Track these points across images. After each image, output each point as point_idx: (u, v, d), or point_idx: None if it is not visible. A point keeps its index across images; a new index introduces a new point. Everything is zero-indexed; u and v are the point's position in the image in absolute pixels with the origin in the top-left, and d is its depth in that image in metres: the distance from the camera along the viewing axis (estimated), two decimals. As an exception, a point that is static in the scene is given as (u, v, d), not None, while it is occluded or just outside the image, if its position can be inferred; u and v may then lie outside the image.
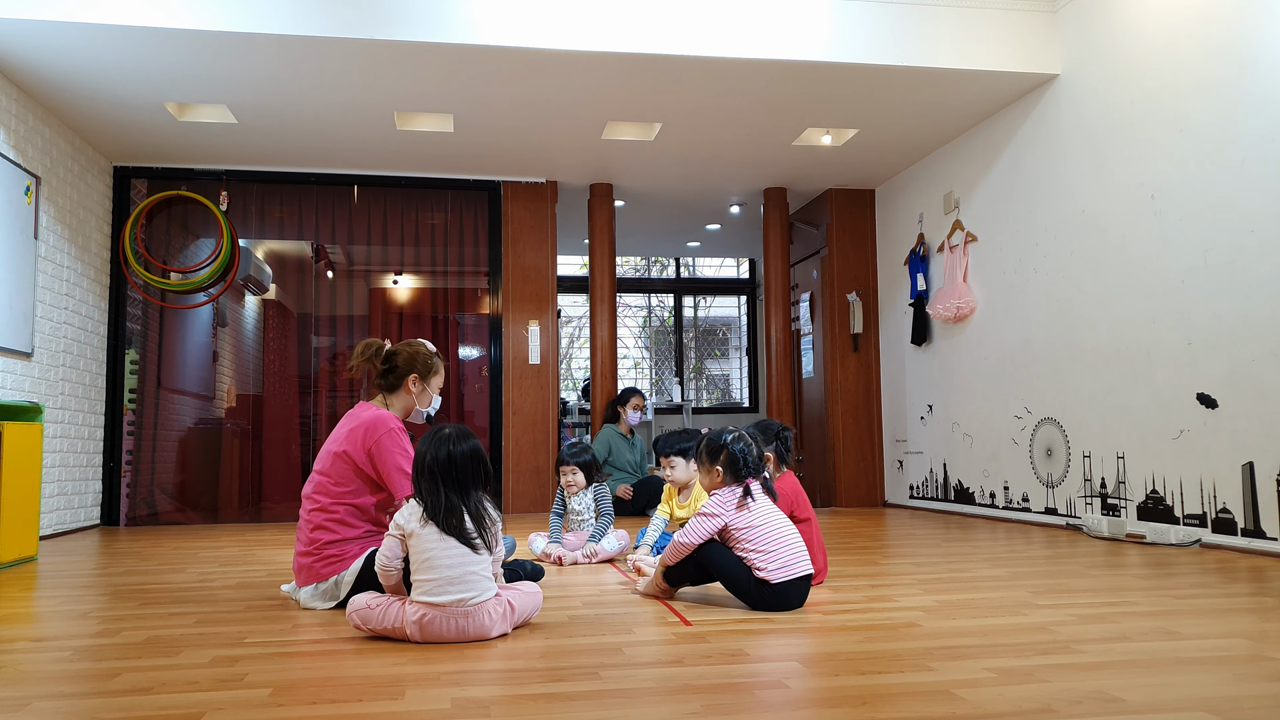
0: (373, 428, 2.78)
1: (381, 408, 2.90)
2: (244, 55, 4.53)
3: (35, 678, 1.95)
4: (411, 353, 2.98)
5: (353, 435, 2.79)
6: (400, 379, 2.96)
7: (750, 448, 2.74)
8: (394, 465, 2.75)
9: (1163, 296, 4.22)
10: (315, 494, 2.79)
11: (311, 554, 2.74)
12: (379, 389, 2.98)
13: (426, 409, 3.03)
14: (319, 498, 2.77)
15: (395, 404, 2.96)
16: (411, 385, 2.96)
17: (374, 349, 2.96)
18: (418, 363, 2.97)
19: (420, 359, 2.98)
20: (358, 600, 2.37)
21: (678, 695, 1.75)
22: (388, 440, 2.77)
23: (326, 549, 2.73)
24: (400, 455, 2.77)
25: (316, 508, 2.77)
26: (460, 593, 2.26)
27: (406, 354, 2.97)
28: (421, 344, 3.03)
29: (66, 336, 5.41)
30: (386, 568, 2.39)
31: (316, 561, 2.73)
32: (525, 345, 6.61)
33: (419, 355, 2.99)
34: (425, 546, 2.29)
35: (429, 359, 3.00)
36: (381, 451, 2.76)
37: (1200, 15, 4.03)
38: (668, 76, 4.88)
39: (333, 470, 2.78)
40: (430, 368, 3.00)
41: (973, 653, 2.08)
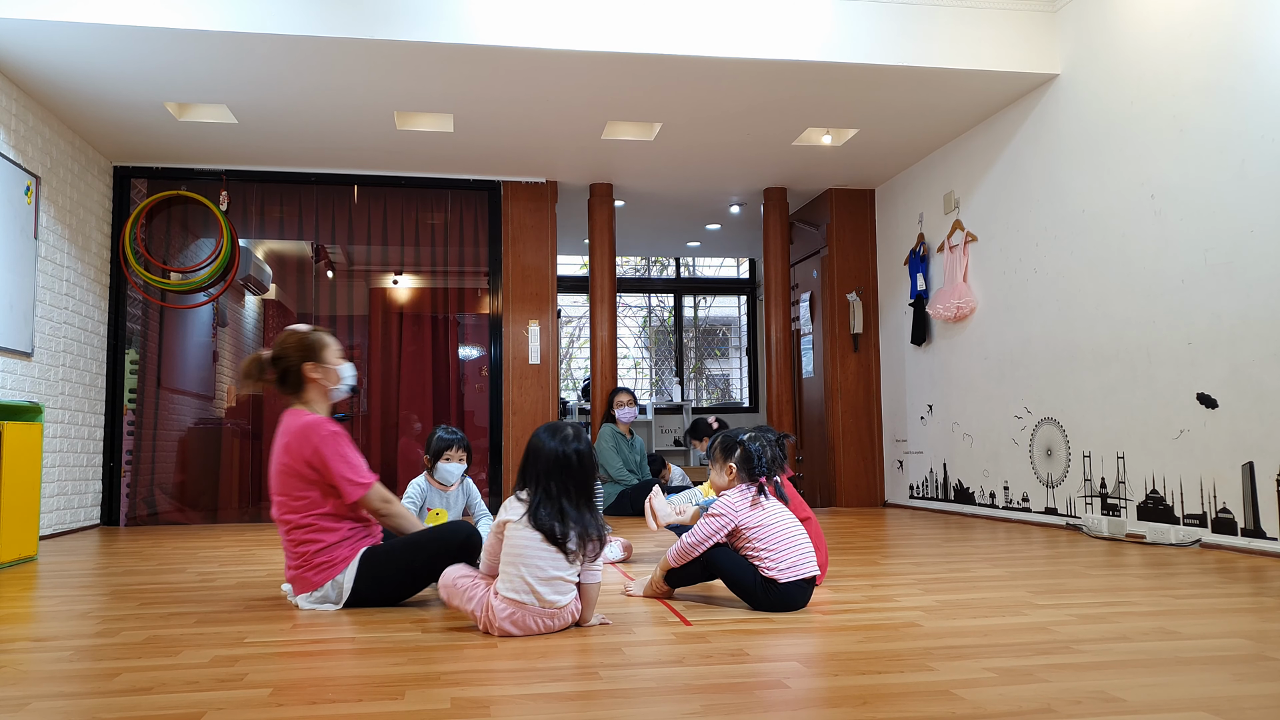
0: (304, 437, 2.71)
1: (304, 410, 2.81)
2: (244, 55, 4.53)
3: (35, 678, 1.95)
4: (292, 344, 2.85)
5: (288, 449, 2.73)
6: (299, 374, 2.83)
7: (766, 447, 2.74)
8: (338, 473, 2.69)
9: (1163, 296, 4.22)
10: (282, 515, 2.75)
11: (300, 566, 2.73)
12: (289, 395, 2.87)
13: (342, 384, 2.89)
14: (287, 517, 2.73)
15: (312, 400, 2.85)
16: (312, 373, 2.83)
17: (257, 366, 2.84)
18: (303, 350, 2.83)
19: (302, 345, 2.84)
20: (449, 573, 2.45)
21: (678, 695, 1.75)
22: (323, 447, 2.70)
23: (315, 558, 2.71)
24: (338, 461, 2.70)
25: (289, 527, 2.74)
26: (549, 595, 2.31)
27: (287, 349, 2.84)
28: (293, 330, 2.89)
29: (66, 336, 5.41)
30: (490, 567, 2.41)
31: (307, 571, 2.72)
32: (525, 345, 6.61)
33: (300, 342, 2.85)
34: (521, 544, 2.32)
35: (308, 339, 2.85)
36: (321, 459, 2.69)
37: (1200, 16, 4.03)
38: (668, 76, 4.88)
39: (285, 488, 2.73)
40: (315, 346, 2.85)
41: (973, 653, 2.08)
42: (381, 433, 6.65)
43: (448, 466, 3.78)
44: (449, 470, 3.78)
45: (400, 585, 2.77)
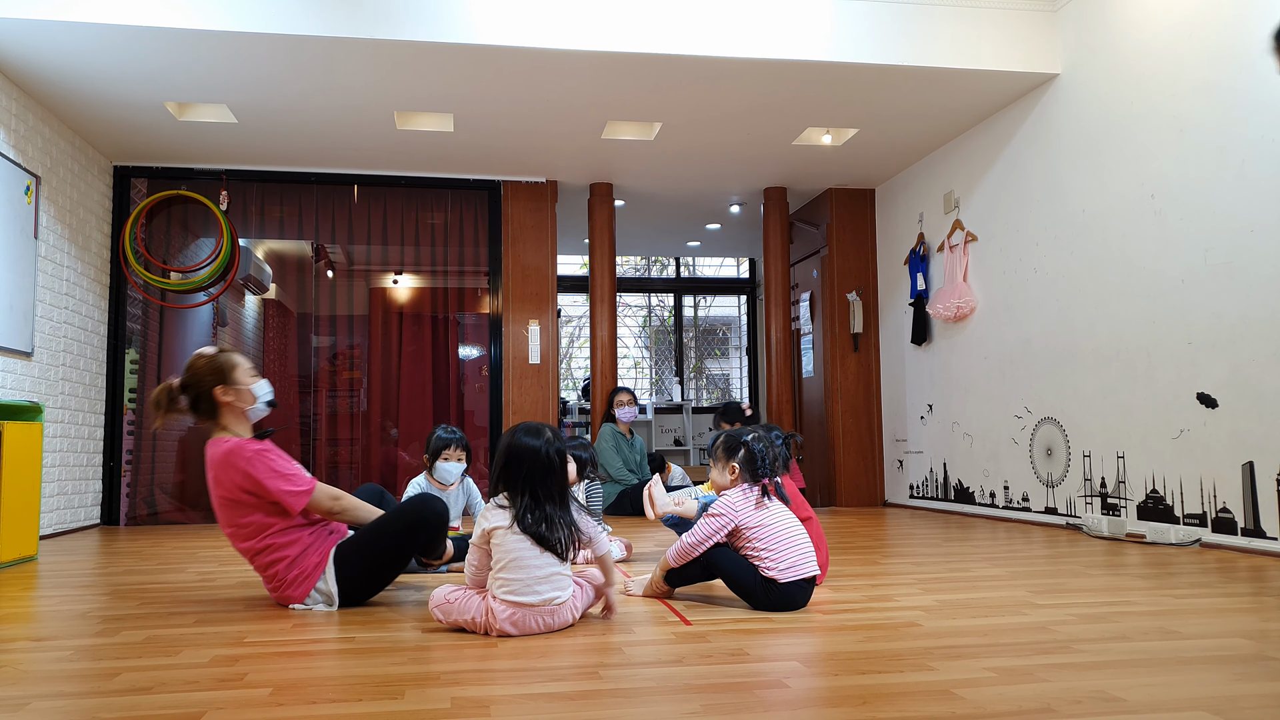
0: (229, 464, 2.66)
1: (224, 438, 2.73)
2: (244, 55, 4.53)
3: (35, 678, 1.95)
4: (199, 368, 2.76)
5: (219, 481, 2.69)
6: (211, 400, 2.75)
7: (769, 448, 2.74)
8: (275, 489, 2.64)
9: (1163, 296, 4.22)
10: (239, 546, 2.73)
11: (278, 586, 2.72)
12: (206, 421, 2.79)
13: (259, 402, 2.82)
14: (245, 545, 2.71)
15: (229, 424, 2.77)
16: (224, 396, 2.75)
17: (167, 395, 2.76)
18: (210, 374, 2.75)
19: (209, 370, 2.75)
20: (438, 594, 2.41)
21: (678, 695, 1.75)
22: (251, 468, 2.64)
23: (288, 575, 2.70)
24: (272, 477, 2.65)
25: (250, 554, 2.72)
26: (549, 592, 2.32)
27: (195, 375, 2.76)
28: (200, 354, 2.80)
29: (66, 336, 5.41)
30: (479, 581, 2.40)
31: (287, 589, 2.71)
32: (525, 345, 6.61)
33: (206, 367, 2.76)
34: (512, 548, 2.32)
35: (215, 362, 2.77)
36: (253, 481, 2.64)
37: (1200, 16, 4.03)
38: (668, 76, 4.88)
39: (230, 520, 2.70)
40: (223, 368, 2.76)
41: (973, 653, 2.08)
42: (381, 433, 6.65)
43: (446, 465, 3.78)
44: (447, 469, 3.78)
45: (381, 572, 2.76)
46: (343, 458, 6.51)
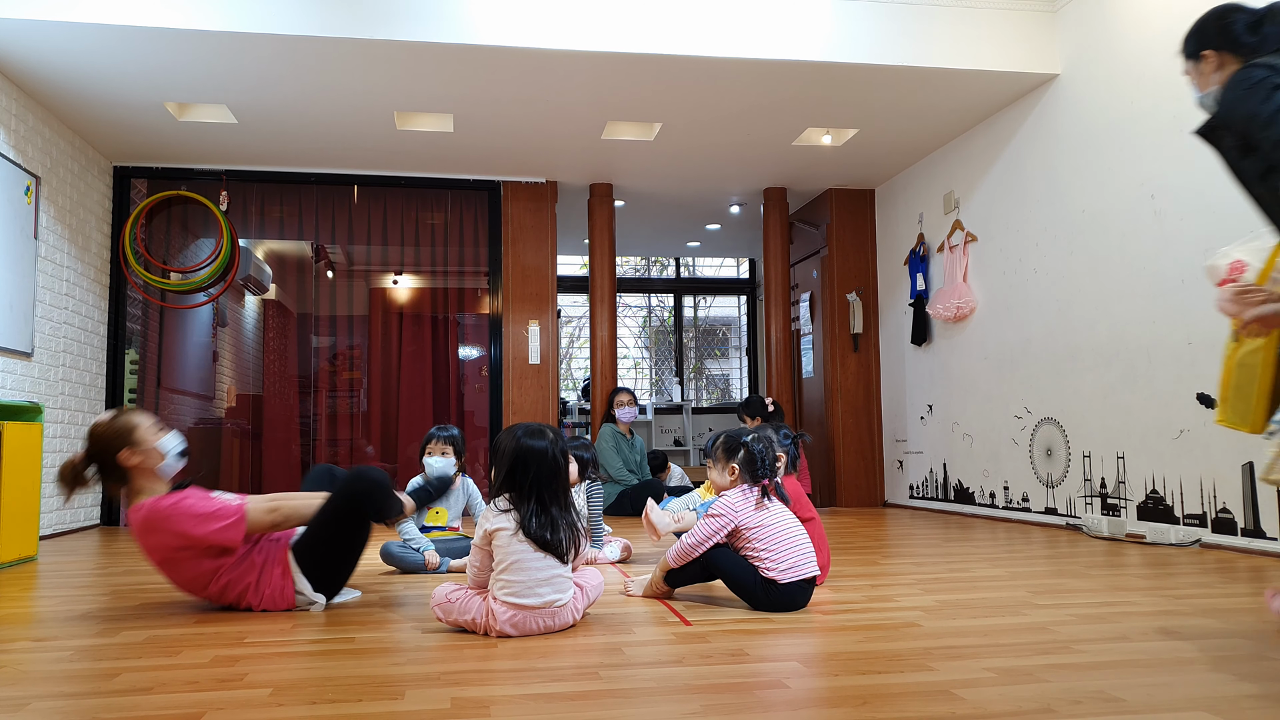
0: (151, 529, 2.58)
1: (140, 500, 2.63)
2: (244, 55, 4.53)
3: (35, 678, 1.95)
4: (97, 439, 2.65)
5: (149, 548, 2.61)
6: (117, 468, 2.64)
7: (769, 448, 2.74)
8: (207, 533, 2.57)
9: (1163, 296, 4.22)
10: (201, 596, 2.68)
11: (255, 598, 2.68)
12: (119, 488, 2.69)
13: (169, 457, 2.70)
14: (207, 594, 2.67)
15: (143, 487, 2.67)
16: (129, 460, 2.63)
17: (71, 473, 2.65)
18: (110, 441, 2.63)
19: (108, 437, 2.64)
20: (438, 593, 2.41)
21: (678, 695, 1.75)
22: (174, 524, 2.56)
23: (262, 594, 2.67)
24: (197, 522, 2.57)
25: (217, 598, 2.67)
26: (550, 594, 2.32)
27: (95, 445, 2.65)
28: (97, 422, 2.69)
29: (66, 336, 5.41)
30: (480, 581, 2.40)
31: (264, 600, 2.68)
32: (525, 345, 6.61)
33: (104, 434, 2.64)
34: (514, 550, 2.32)
35: (114, 426, 2.65)
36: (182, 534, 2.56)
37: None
38: (668, 76, 4.88)
39: (178, 578, 2.64)
40: (123, 431, 2.64)
41: (973, 653, 2.08)
42: (381, 433, 6.65)
43: (429, 461, 3.77)
44: (431, 465, 3.78)
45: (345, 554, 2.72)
46: (342, 458, 6.51)
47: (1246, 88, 2.12)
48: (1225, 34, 2.32)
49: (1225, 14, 2.35)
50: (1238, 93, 2.15)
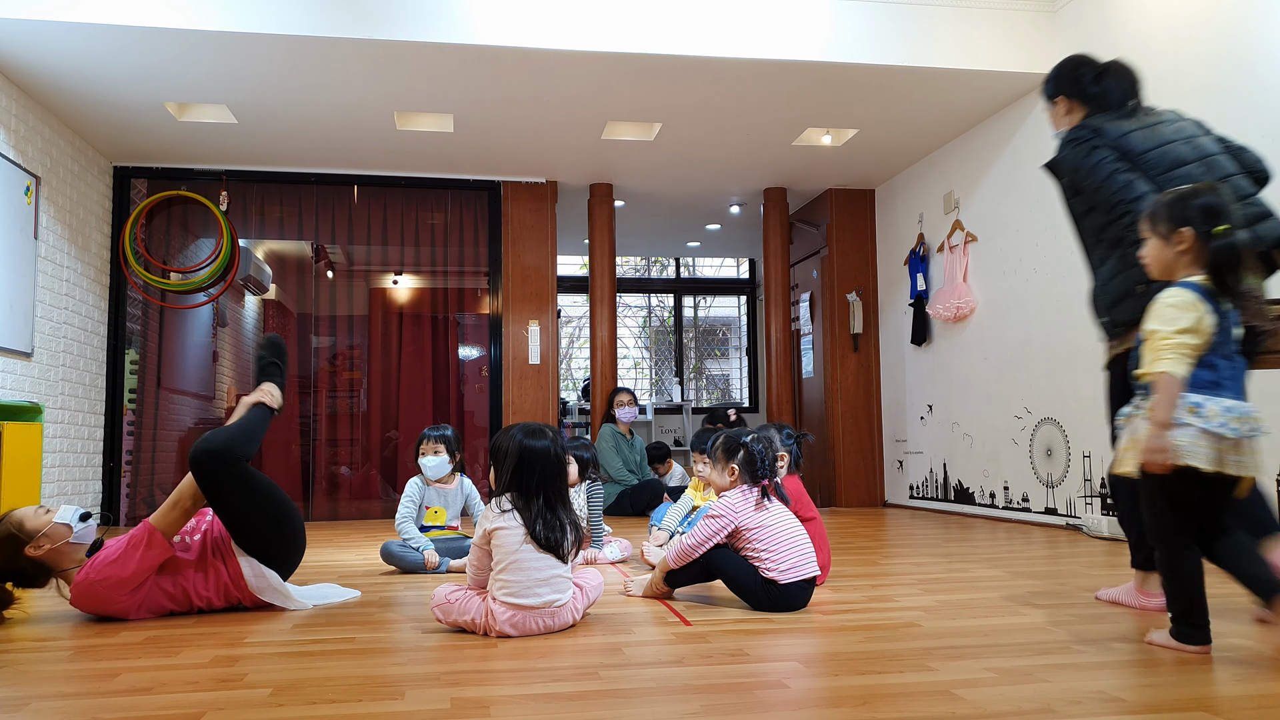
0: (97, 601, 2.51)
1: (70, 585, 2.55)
2: (244, 55, 4.53)
3: (35, 678, 1.95)
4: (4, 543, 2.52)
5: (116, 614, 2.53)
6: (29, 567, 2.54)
7: (769, 449, 2.74)
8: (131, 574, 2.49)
9: (1163, 296, 4.21)
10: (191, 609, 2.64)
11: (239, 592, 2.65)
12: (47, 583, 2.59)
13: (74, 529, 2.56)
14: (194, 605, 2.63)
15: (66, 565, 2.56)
16: (35, 551, 2.52)
17: None
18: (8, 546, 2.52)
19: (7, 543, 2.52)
20: (438, 593, 2.40)
21: (678, 695, 1.75)
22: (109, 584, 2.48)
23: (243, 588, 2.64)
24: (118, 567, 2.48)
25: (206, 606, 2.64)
26: (549, 594, 2.32)
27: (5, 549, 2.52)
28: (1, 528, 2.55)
29: (66, 336, 5.41)
30: (480, 581, 2.40)
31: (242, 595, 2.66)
32: (525, 345, 6.61)
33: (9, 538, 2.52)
34: (514, 549, 2.31)
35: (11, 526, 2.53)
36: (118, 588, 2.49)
37: (1200, 16, 4.03)
38: (668, 76, 4.88)
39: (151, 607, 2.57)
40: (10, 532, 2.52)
41: (973, 653, 2.08)
42: (381, 433, 6.65)
43: (424, 460, 3.78)
44: (425, 464, 3.79)
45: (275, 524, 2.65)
46: (342, 458, 6.51)
47: (1074, 145, 2.59)
48: (1075, 84, 2.72)
49: (1077, 66, 2.74)
50: (1067, 149, 2.60)
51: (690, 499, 3.74)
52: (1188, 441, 2.01)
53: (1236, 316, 2.11)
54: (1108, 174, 2.51)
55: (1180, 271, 2.13)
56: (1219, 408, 2.04)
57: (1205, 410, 2.02)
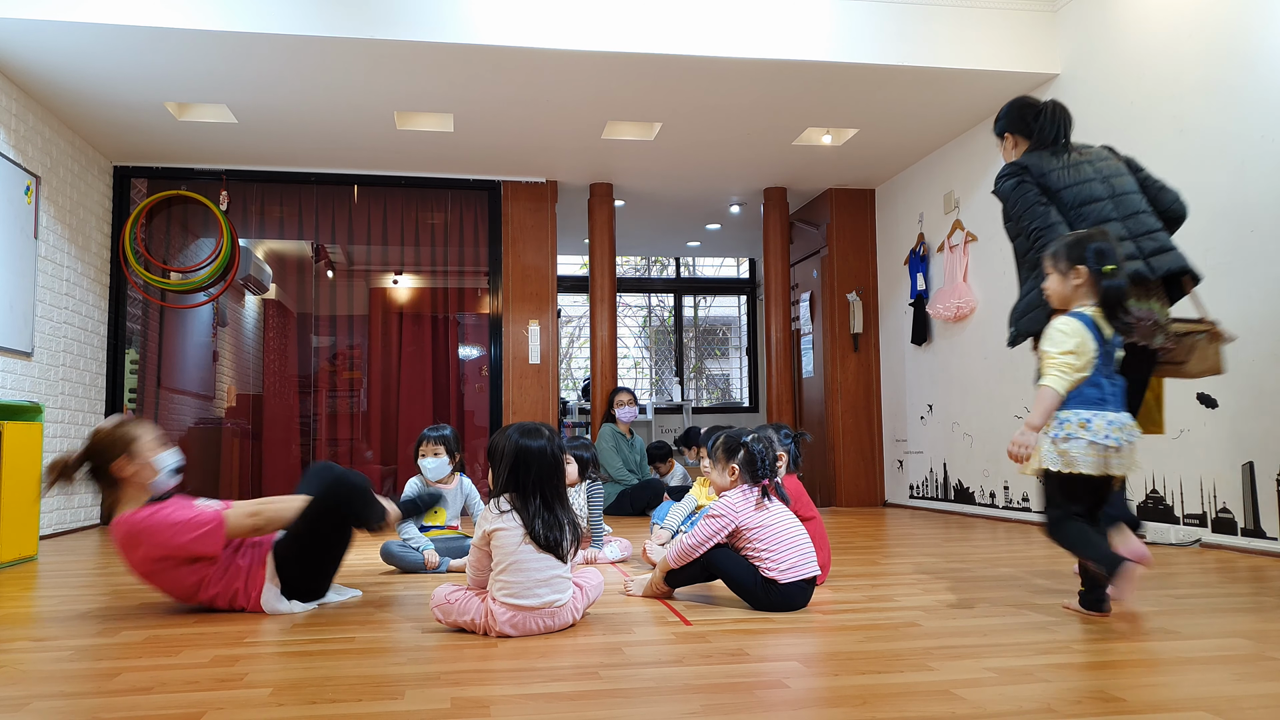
0: (132, 542, 2.57)
1: (124, 512, 2.62)
2: (244, 55, 4.53)
3: (35, 678, 1.95)
4: (98, 443, 2.64)
5: (132, 563, 2.60)
6: (109, 475, 2.63)
7: (769, 449, 2.73)
8: (186, 542, 2.55)
9: (1163, 296, 4.22)
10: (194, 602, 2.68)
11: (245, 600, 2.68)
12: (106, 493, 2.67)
13: (162, 473, 2.68)
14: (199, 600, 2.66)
15: (129, 497, 2.65)
16: (124, 470, 2.62)
17: (58, 469, 2.62)
18: (110, 447, 2.62)
19: (109, 442, 2.63)
20: (438, 594, 2.41)
21: (678, 695, 1.75)
22: (154, 536, 2.54)
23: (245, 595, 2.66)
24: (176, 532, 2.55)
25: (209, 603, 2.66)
26: (549, 594, 2.32)
27: (94, 448, 2.64)
28: (100, 428, 2.68)
29: (66, 336, 5.41)
30: (480, 581, 2.40)
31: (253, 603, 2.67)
32: (525, 345, 6.61)
33: (106, 439, 2.63)
34: (514, 550, 2.31)
35: (115, 434, 2.64)
36: (164, 546, 2.55)
37: (1200, 15, 4.03)
38: (668, 76, 4.88)
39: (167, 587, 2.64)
40: (121, 441, 2.63)
41: (973, 653, 2.08)
42: (381, 433, 6.65)
43: (423, 462, 3.78)
44: (425, 465, 3.78)
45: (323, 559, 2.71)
46: (342, 458, 6.51)
47: (1007, 179, 2.99)
48: (1019, 122, 3.13)
49: (1020, 107, 3.15)
50: (1002, 182, 3.01)
51: (694, 499, 3.74)
52: (1079, 452, 2.37)
53: (1119, 341, 2.49)
54: (1029, 206, 2.91)
55: (1075, 303, 2.51)
56: (1104, 422, 2.40)
57: (1093, 425, 2.39)
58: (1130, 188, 2.98)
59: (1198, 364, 2.96)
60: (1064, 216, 2.88)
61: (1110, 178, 2.98)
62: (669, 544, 3.32)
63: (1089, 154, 3.06)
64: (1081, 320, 2.45)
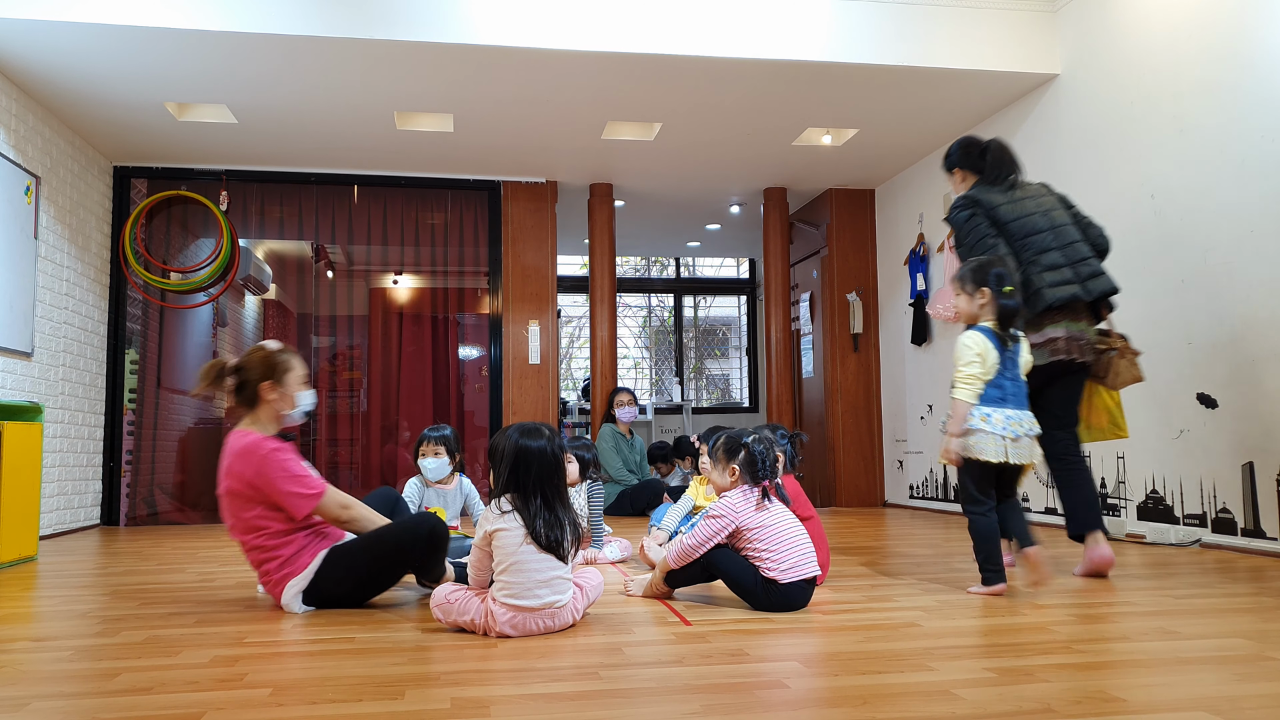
0: (245, 457, 2.67)
1: (250, 430, 2.74)
2: (244, 55, 4.53)
3: (35, 678, 1.95)
4: (257, 359, 2.78)
5: (230, 471, 2.69)
6: (254, 391, 2.76)
7: (770, 449, 2.73)
8: (283, 490, 2.64)
9: (1163, 296, 4.22)
10: (236, 537, 2.72)
11: (266, 580, 2.72)
12: (241, 408, 2.80)
13: (294, 410, 2.82)
14: (241, 538, 2.71)
15: (262, 419, 2.77)
16: (268, 393, 2.75)
17: (215, 370, 2.77)
18: (266, 368, 2.77)
19: (265, 363, 2.77)
20: (438, 593, 2.41)
21: (678, 695, 1.75)
22: (265, 467, 2.64)
23: (278, 572, 2.69)
24: (283, 478, 2.65)
25: (246, 548, 2.71)
26: (549, 595, 2.32)
27: (252, 363, 2.78)
28: (263, 346, 2.83)
29: (66, 336, 5.41)
30: (481, 582, 2.40)
31: (273, 584, 2.70)
32: (525, 345, 6.61)
33: (265, 360, 2.78)
34: (514, 550, 2.31)
35: (275, 359, 2.79)
36: (264, 478, 2.64)
37: (1200, 15, 4.03)
38: (668, 76, 4.88)
39: (232, 510, 2.70)
40: (278, 367, 2.78)
41: (973, 653, 2.08)
42: (381, 433, 6.65)
43: (424, 462, 3.78)
44: (425, 465, 3.78)
45: (366, 582, 2.72)
46: (342, 458, 6.51)
47: (959, 210, 3.40)
48: (966, 159, 3.56)
49: (968, 145, 3.58)
50: (955, 213, 3.42)
51: (691, 499, 3.73)
52: (981, 442, 2.83)
53: (1019, 349, 2.92)
54: (981, 238, 3.30)
55: (980, 319, 2.94)
56: (1002, 417, 2.84)
57: (992, 419, 2.83)
58: (1066, 220, 3.36)
59: (1114, 378, 3.39)
60: (1010, 246, 3.28)
61: (1049, 211, 3.36)
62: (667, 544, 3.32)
63: (1030, 190, 3.43)
64: (985, 334, 2.87)
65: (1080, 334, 3.21)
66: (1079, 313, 3.25)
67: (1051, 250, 3.25)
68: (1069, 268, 3.24)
